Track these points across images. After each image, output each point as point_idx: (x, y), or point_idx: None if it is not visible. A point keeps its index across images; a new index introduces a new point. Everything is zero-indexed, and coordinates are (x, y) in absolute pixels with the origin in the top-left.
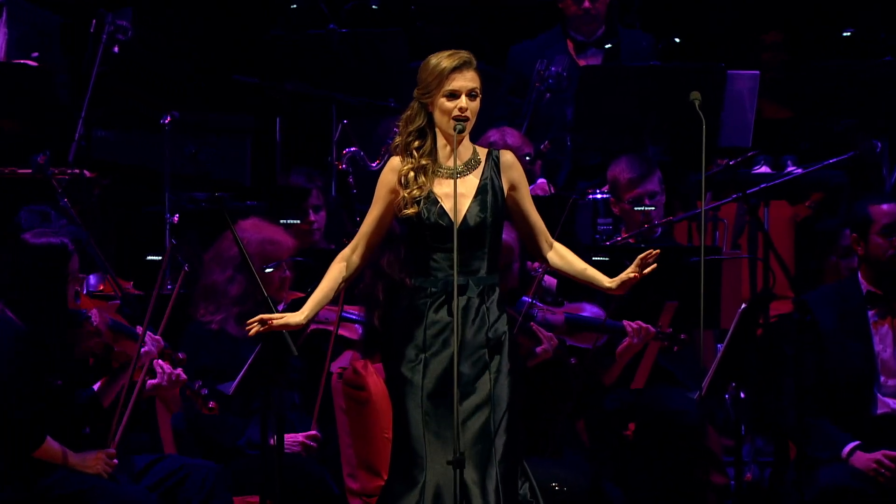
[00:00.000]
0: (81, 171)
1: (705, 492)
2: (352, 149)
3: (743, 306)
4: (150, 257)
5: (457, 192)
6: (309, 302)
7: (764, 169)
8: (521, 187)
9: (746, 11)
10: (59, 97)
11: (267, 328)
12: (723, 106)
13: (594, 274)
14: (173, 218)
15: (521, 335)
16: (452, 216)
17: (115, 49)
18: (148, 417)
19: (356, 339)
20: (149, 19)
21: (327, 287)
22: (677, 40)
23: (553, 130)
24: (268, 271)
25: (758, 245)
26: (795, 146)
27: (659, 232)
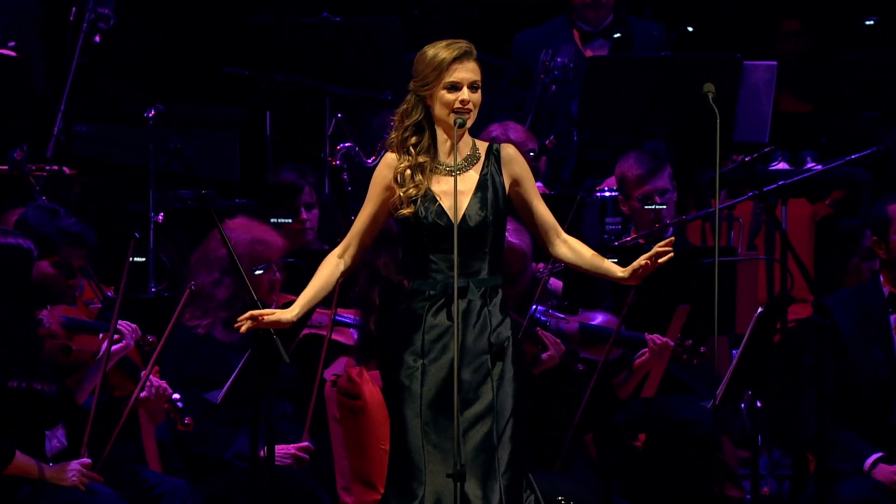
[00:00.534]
0: (60, 168)
1: None
2: (346, 144)
3: (759, 310)
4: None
5: (457, 190)
6: (300, 300)
7: (782, 165)
8: (525, 181)
9: None
10: (38, 89)
11: (257, 324)
12: (738, 99)
13: (606, 264)
14: (158, 217)
15: (527, 341)
16: (452, 215)
17: (97, 38)
18: (132, 428)
19: (351, 345)
20: (132, 7)
21: (318, 286)
22: (690, 29)
23: (558, 125)
24: (257, 273)
25: (775, 246)
26: (815, 141)
27: (671, 231)
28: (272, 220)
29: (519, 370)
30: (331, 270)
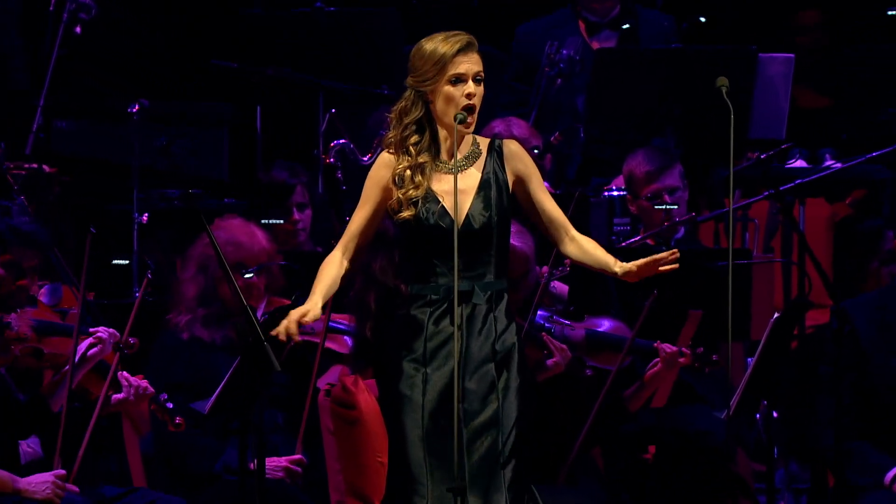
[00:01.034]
0: (40, 166)
1: None
2: (340, 141)
3: (775, 316)
4: (117, 261)
5: (457, 190)
6: (317, 291)
7: (799, 163)
8: (531, 178)
9: None
10: (16, 83)
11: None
12: (753, 93)
13: (605, 257)
14: (142, 217)
15: (531, 346)
16: (454, 216)
17: (78, 29)
18: (114, 440)
19: (345, 353)
20: None
21: (329, 280)
22: (702, 20)
23: (564, 121)
24: (247, 277)
25: (792, 248)
26: (834, 138)
27: (681, 232)
28: (263, 221)
29: (525, 379)
30: (336, 269)
